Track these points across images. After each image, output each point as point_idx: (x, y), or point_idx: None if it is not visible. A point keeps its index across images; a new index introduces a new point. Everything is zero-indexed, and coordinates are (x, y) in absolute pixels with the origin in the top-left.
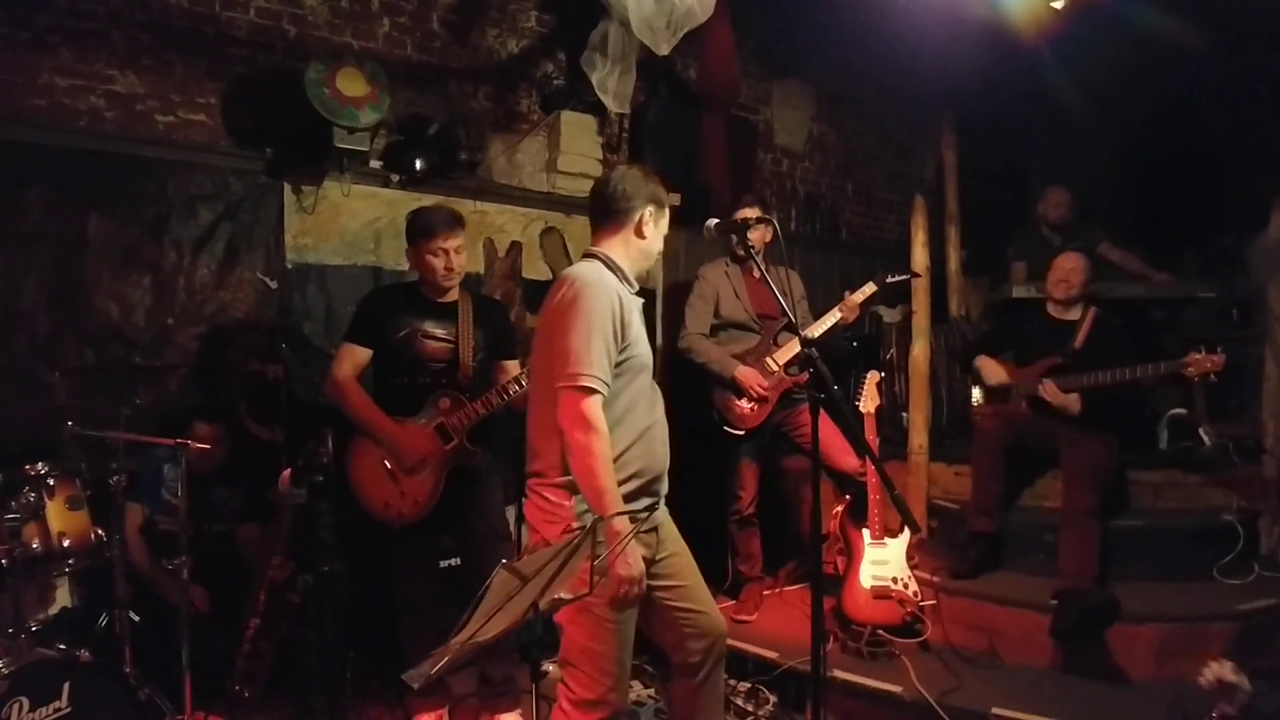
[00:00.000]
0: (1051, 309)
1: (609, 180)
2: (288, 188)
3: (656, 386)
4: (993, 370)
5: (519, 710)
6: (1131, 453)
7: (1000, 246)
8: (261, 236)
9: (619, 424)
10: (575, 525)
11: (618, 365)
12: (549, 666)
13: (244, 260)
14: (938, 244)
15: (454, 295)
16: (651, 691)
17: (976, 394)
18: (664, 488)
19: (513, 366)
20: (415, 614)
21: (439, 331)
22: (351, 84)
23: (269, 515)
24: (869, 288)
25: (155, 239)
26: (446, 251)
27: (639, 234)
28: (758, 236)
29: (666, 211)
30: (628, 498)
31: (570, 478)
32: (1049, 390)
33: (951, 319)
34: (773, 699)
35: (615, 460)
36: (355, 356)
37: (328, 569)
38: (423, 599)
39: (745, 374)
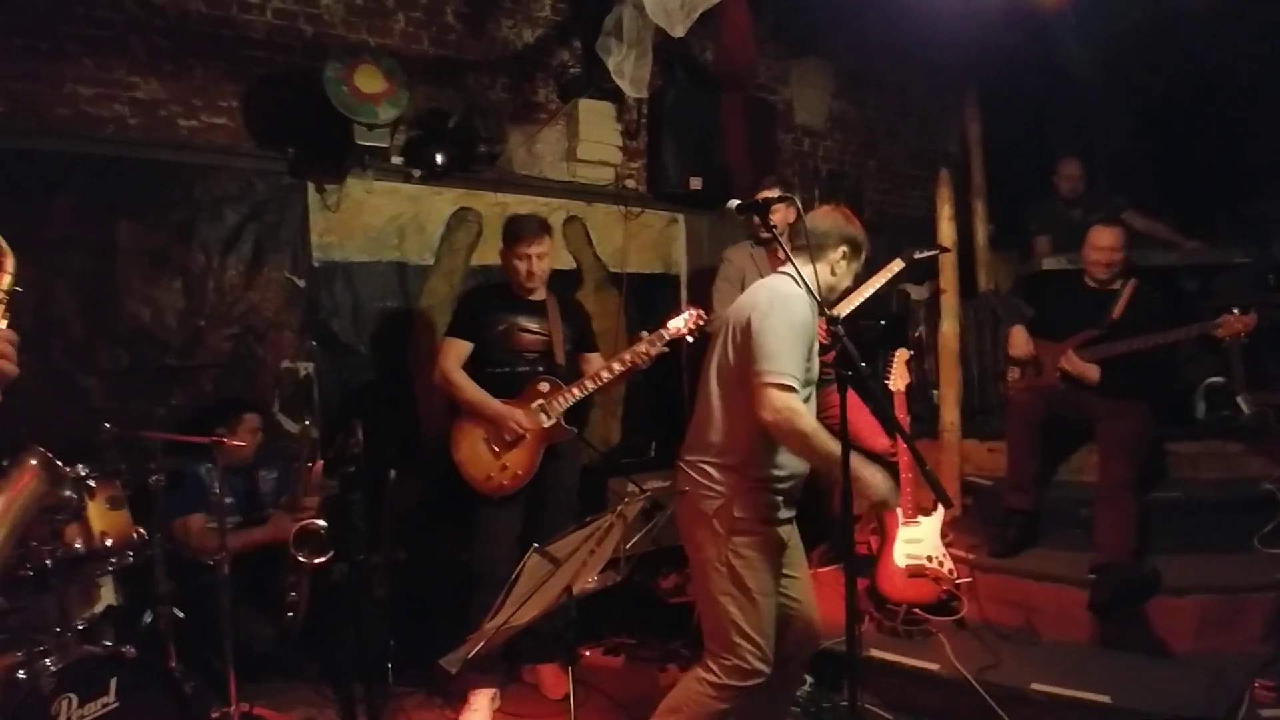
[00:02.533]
0: (1089, 280)
1: (814, 216)
2: (311, 187)
3: (813, 405)
4: (1019, 342)
5: (494, 690)
6: (1168, 424)
7: (1026, 219)
8: (287, 236)
9: None
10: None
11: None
12: (586, 651)
13: (271, 260)
14: (964, 218)
15: (542, 294)
16: None
17: (1011, 372)
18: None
19: (595, 358)
20: (491, 586)
21: (532, 325)
22: (369, 80)
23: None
24: (896, 264)
25: (183, 242)
26: (530, 257)
27: (831, 271)
28: (780, 217)
29: (862, 256)
30: (781, 493)
31: (733, 460)
32: (1069, 361)
33: (981, 294)
34: (809, 680)
35: (777, 460)
36: (458, 349)
37: (363, 557)
38: (501, 571)
39: None
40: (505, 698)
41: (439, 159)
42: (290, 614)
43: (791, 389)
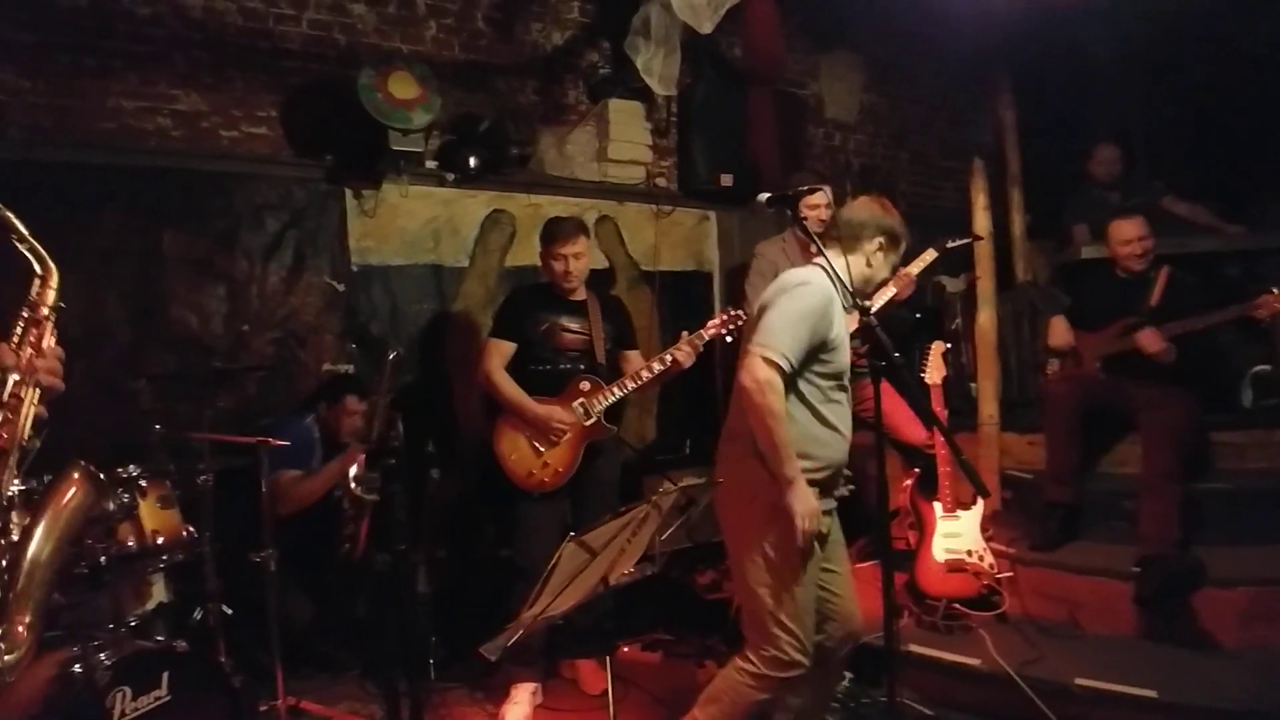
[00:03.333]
0: (1120, 269)
1: (850, 207)
2: (348, 193)
3: (848, 398)
4: (1059, 332)
5: (535, 684)
6: (1214, 413)
7: (1063, 207)
8: (326, 242)
9: (816, 419)
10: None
11: (822, 366)
12: (624, 647)
13: (311, 265)
14: (1000, 208)
15: (582, 294)
16: None
17: (1051, 364)
18: (840, 486)
19: (635, 357)
20: (536, 578)
21: (573, 325)
22: (402, 87)
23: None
24: (929, 254)
25: (227, 250)
26: (567, 257)
27: (867, 262)
28: (814, 215)
29: (901, 247)
30: (815, 484)
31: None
32: (1147, 338)
33: (1019, 284)
34: (848, 675)
35: (808, 450)
36: (502, 350)
37: (404, 548)
38: (542, 567)
39: None
40: (544, 692)
41: (472, 162)
42: (347, 545)
43: (779, 367)
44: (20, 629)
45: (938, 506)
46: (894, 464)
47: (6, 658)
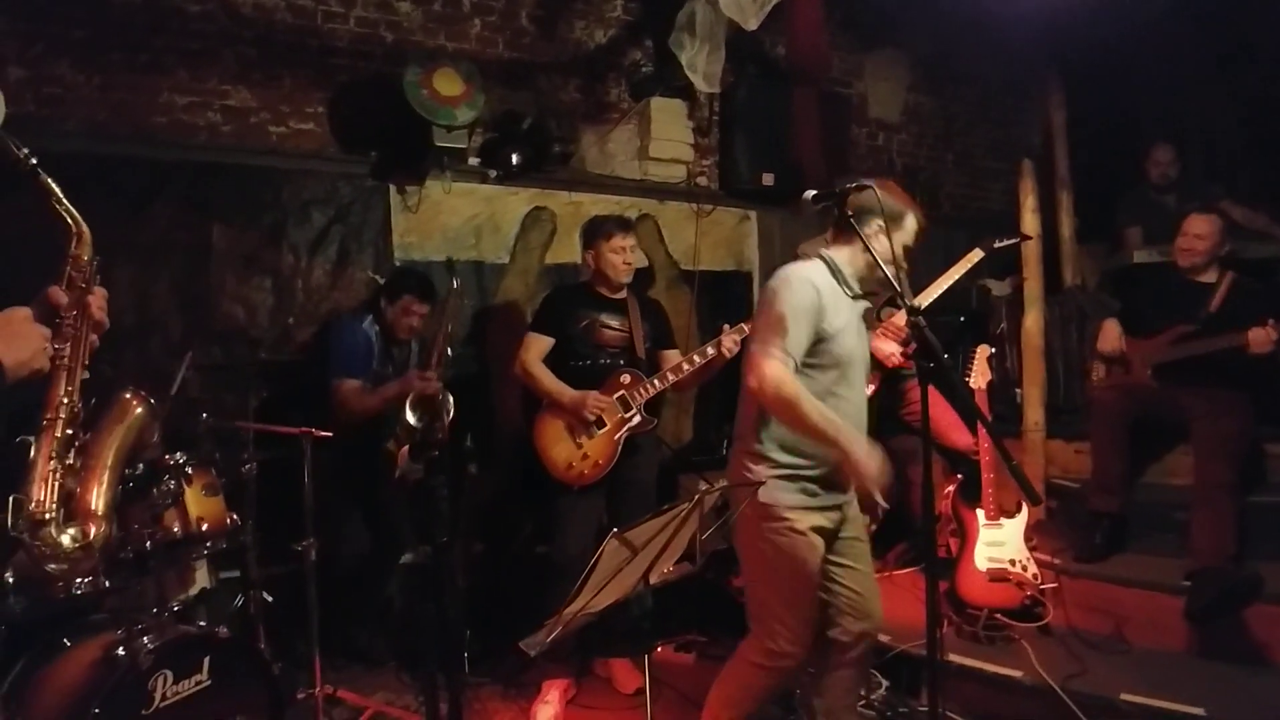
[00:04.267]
0: (1182, 272)
1: (850, 192)
2: (392, 189)
3: (857, 383)
4: (1111, 337)
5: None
6: (1268, 423)
7: (1115, 211)
8: (370, 237)
9: None
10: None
11: (819, 358)
12: (658, 647)
13: (355, 260)
14: (1048, 211)
15: (623, 293)
16: None
17: (1097, 369)
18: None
19: (673, 356)
20: (570, 575)
21: (614, 323)
22: (448, 84)
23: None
24: (975, 254)
25: (274, 244)
26: (625, 249)
27: (866, 247)
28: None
29: (907, 225)
30: (811, 480)
31: (759, 447)
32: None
33: (1066, 288)
34: (885, 683)
35: (798, 447)
36: (539, 344)
37: (446, 540)
38: (579, 562)
39: None
40: (578, 690)
41: (514, 159)
42: (397, 474)
43: (781, 360)
44: (90, 527)
45: (980, 514)
46: (936, 470)
47: (73, 550)
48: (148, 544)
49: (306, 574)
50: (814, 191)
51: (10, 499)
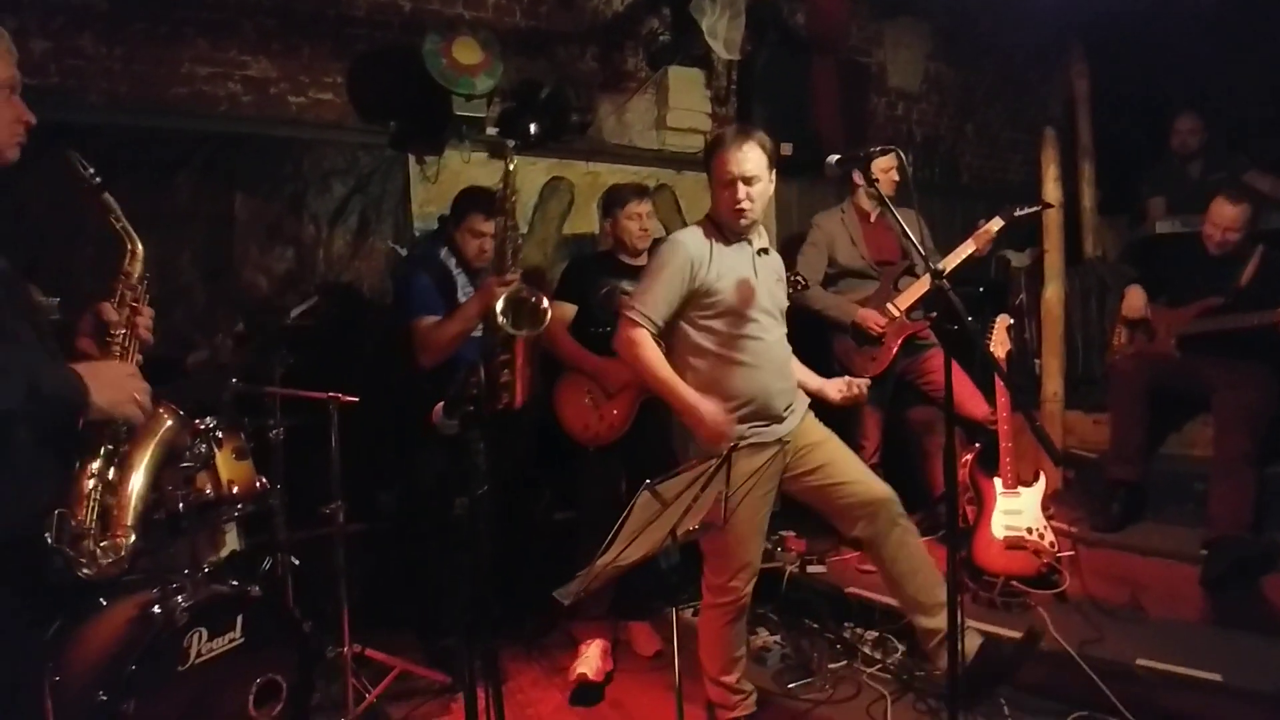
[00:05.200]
0: (1211, 245)
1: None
2: (411, 159)
3: (767, 324)
4: (1137, 304)
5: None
6: None
7: (1138, 181)
8: (390, 207)
9: (722, 361)
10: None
11: (709, 310)
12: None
13: (375, 230)
14: (1070, 182)
15: (643, 260)
16: (777, 638)
17: (1119, 334)
18: (780, 408)
19: None
20: (597, 532)
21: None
22: (466, 53)
23: None
24: (995, 223)
25: (295, 214)
26: (641, 215)
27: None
28: (886, 178)
29: (734, 157)
30: (742, 420)
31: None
32: None
33: (1086, 260)
34: (901, 647)
35: (724, 390)
36: (562, 310)
37: (482, 492)
38: (605, 519)
39: (866, 314)
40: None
41: (532, 129)
42: (505, 397)
43: (638, 324)
44: (120, 539)
45: (998, 483)
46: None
47: (105, 561)
48: (180, 506)
49: (335, 536)
50: (837, 156)
51: (55, 514)
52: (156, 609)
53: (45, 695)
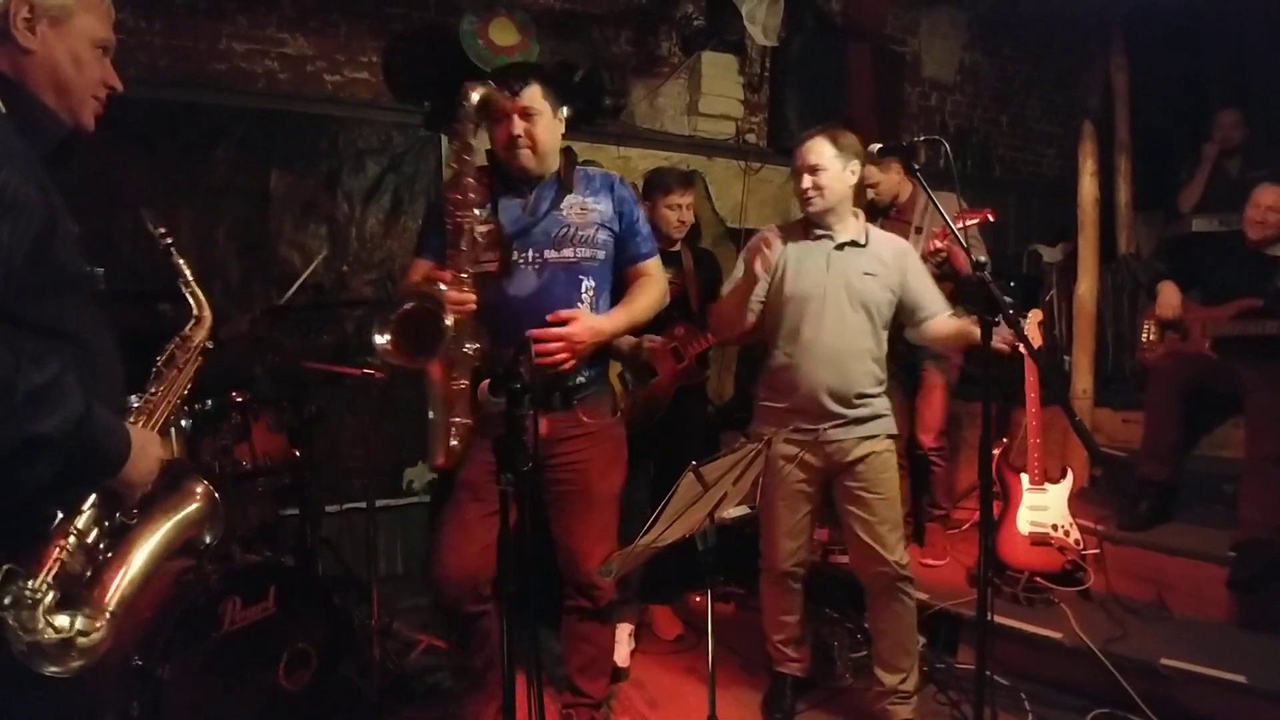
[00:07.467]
0: (1250, 243)
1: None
2: (444, 139)
3: (828, 318)
4: (1172, 301)
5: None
6: None
7: (1175, 177)
8: (423, 187)
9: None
10: None
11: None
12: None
13: (408, 210)
14: (1106, 177)
15: (677, 246)
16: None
17: (1148, 328)
18: (830, 407)
19: None
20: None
21: (668, 275)
22: (503, 33)
23: None
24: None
25: (330, 192)
26: (681, 206)
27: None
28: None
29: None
30: (783, 415)
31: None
32: None
33: (1120, 257)
34: (922, 640)
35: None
36: None
37: (528, 468)
38: (633, 498)
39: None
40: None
41: (566, 112)
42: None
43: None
44: (104, 614)
45: (1024, 478)
46: (978, 434)
47: (83, 640)
48: (217, 474)
49: (368, 510)
50: (879, 145)
51: (4, 568)
52: (192, 576)
53: None
